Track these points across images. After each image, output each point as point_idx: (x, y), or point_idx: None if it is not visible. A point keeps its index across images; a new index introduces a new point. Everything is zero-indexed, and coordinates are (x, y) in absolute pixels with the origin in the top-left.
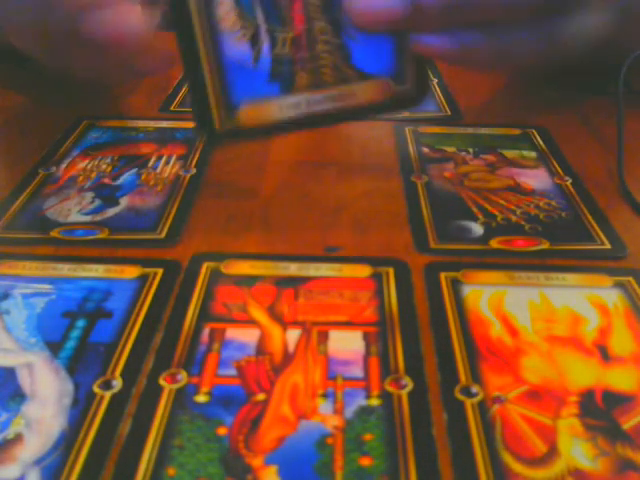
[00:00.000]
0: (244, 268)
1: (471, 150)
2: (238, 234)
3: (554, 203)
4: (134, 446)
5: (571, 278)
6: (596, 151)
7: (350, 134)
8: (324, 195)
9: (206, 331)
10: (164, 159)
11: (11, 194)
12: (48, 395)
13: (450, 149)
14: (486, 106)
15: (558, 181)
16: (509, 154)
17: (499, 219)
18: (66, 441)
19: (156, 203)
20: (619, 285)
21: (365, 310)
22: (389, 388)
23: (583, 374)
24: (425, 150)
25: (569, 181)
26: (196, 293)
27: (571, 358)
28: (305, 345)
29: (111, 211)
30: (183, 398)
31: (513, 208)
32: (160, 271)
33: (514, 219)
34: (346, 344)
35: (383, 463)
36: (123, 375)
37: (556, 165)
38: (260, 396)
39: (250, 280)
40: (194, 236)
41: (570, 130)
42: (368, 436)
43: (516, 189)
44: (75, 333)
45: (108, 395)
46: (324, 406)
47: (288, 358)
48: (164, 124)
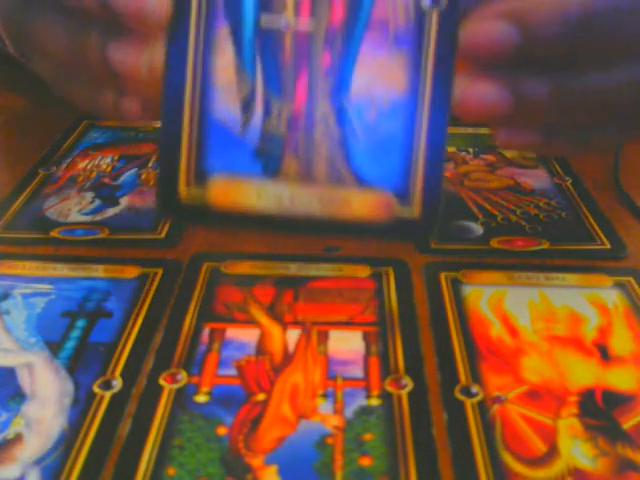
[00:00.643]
0: (244, 268)
1: (471, 150)
2: (238, 234)
3: (554, 203)
4: (134, 446)
5: (571, 278)
6: None
7: None
8: None
9: (206, 331)
10: None
11: (11, 194)
12: (48, 395)
13: (450, 149)
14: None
15: (558, 181)
16: (509, 154)
17: (499, 219)
18: (66, 441)
19: None
20: (619, 285)
21: (365, 310)
22: (389, 388)
23: (583, 374)
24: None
25: (569, 181)
26: (196, 293)
27: (571, 358)
28: (305, 345)
29: (111, 211)
30: (183, 398)
31: (513, 208)
32: (160, 271)
33: (514, 219)
34: (346, 344)
35: (383, 463)
36: (123, 375)
37: (556, 165)
38: (260, 396)
39: (250, 280)
40: (194, 236)
41: None
42: (368, 436)
43: (516, 189)
44: (75, 333)
45: (108, 395)
46: (324, 406)
47: (288, 358)
48: None
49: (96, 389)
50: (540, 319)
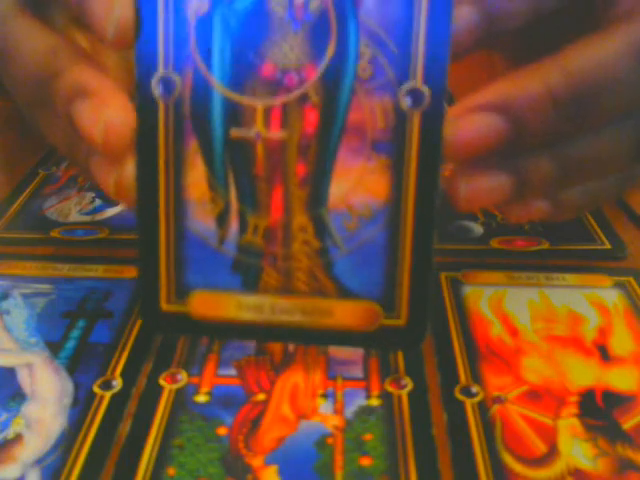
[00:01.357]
0: None
1: None
2: None
3: None
4: (134, 446)
5: (571, 278)
6: None
7: None
8: None
9: None
10: None
11: (11, 194)
12: (48, 395)
13: None
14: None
15: None
16: None
17: (499, 219)
18: (66, 441)
19: None
20: (619, 285)
21: None
22: (389, 388)
23: (583, 374)
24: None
25: None
26: None
27: (571, 358)
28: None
29: (111, 211)
30: (183, 398)
31: None
32: None
33: None
34: None
35: (383, 463)
36: (123, 375)
37: None
38: (260, 396)
39: None
40: None
41: None
42: (368, 436)
43: None
44: (75, 333)
45: (108, 395)
46: (324, 406)
47: (288, 358)
48: None
49: (96, 389)
50: (540, 319)
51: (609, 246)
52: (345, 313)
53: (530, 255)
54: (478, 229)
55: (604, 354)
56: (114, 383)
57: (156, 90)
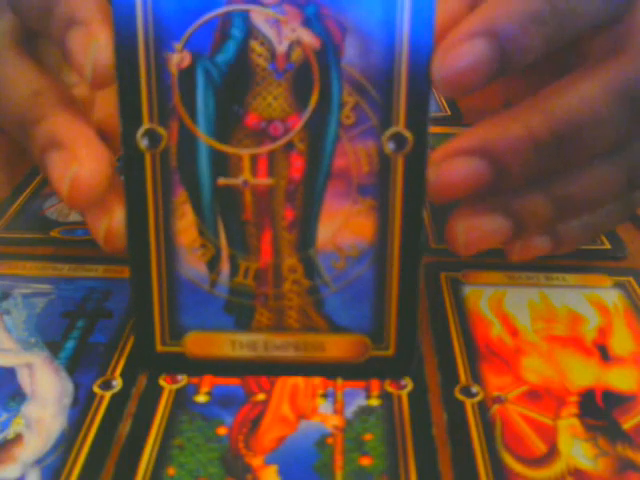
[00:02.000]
0: None
1: None
2: None
3: None
4: (134, 446)
5: (571, 278)
6: None
7: None
8: None
9: None
10: None
11: (11, 194)
12: (48, 395)
13: None
14: (486, 106)
15: None
16: None
17: None
18: (66, 441)
19: None
20: (619, 285)
21: None
22: (389, 388)
23: (583, 374)
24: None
25: None
26: None
27: (571, 358)
28: None
29: None
30: (183, 398)
31: None
32: None
33: None
34: None
35: (383, 463)
36: (123, 375)
37: None
38: (260, 396)
39: None
40: None
41: None
42: (368, 436)
43: None
44: (75, 333)
45: (108, 395)
46: (324, 406)
47: None
48: None
49: (96, 389)
50: (540, 319)
51: (609, 246)
52: (336, 347)
53: None
54: None
55: (604, 354)
56: (114, 383)
57: (142, 143)
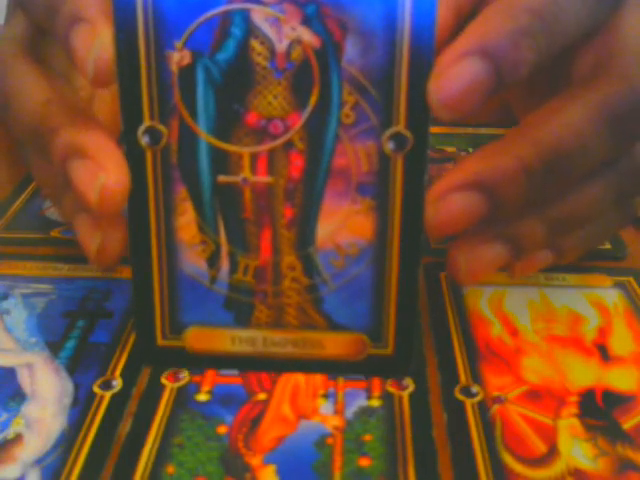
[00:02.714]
0: None
1: (471, 150)
2: None
3: None
4: (134, 443)
5: (571, 278)
6: None
7: None
8: None
9: None
10: None
11: (11, 194)
12: (48, 395)
13: (450, 149)
14: (486, 106)
15: None
16: None
17: None
18: (66, 441)
19: None
20: (619, 285)
21: None
22: (390, 389)
23: (583, 374)
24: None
25: None
26: None
27: (571, 358)
28: None
29: None
30: (184, 397)
31: None
32: None
33: None
34: None
35: (382, 464)
36: (123, 375)
37: None
38: (261, 395)
39: None
40: None
41: None
42: (368, 437)
43: None
44: (75, 333)
45: (108, 395)
46: (325, 406)
47: None
48: None
49: (96, 389)
50: (540, 319)
51: (609, 246)
52: (334, 344)
53: None
54: None
55: (604, 354)
56: (114, 383)
57: (143, 140)
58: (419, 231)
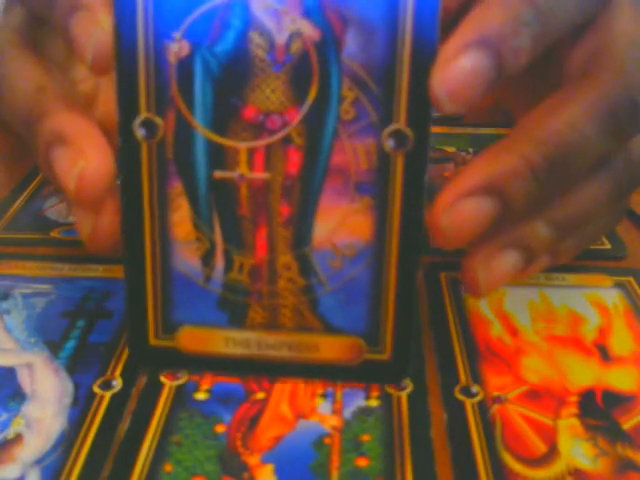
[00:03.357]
0: None
1: (471, 150)
2: None
3: None
4: (133, 441)
5: (571, 278)
6: None
7: None
8: None
9: None
10: None
11: (11, 194)
12: (48, 395)
13: (450, 149)
14: (486, 106)
15: None
16: None
17: None
18: (66, 441)
19: None
20: (619, 285)
21: None
22: (389, 389)
23: (583, 374)
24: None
25: None
26: None
27: (571, 358)
28: None
29: None
30: (183, 395)
31: None
32: None
33: None
34: None
35: (380, 464)
36: (123, 375)
37: None
38: (259, 395)
39: None
40: None
41: None
42: (366, 437)
43: None
44: (75, 333)
45: (108, 395)
46: (323, 406)
47: None
48: None
49: (96, 389)
50: (540, 319)
51: (609, 246)
52: (330, 348)
53: None
54: None
55: (604, 354)
56: (114, 383)
57: (138, 132)
58: (418, 232)
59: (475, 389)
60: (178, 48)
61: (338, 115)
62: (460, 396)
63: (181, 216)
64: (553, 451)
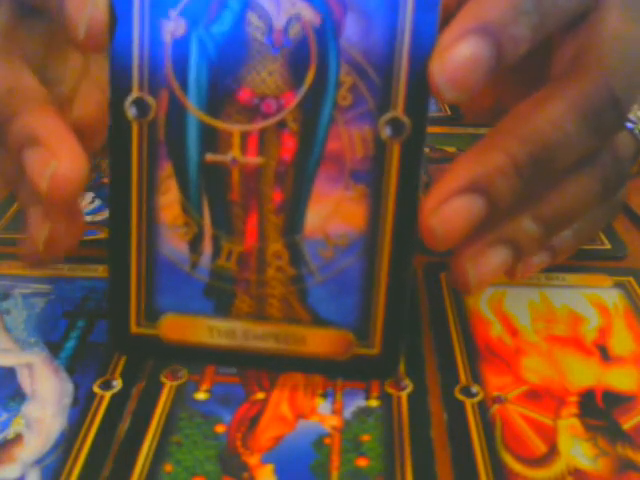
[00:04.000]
0: None
1: None
2: None
3: None
4: (133, 441)
5: (571, 278)
6: None
7: None
8: None
9: None
10: None
11: (11, 194)
12: (48, 395)
13: (450, 149)
14: (486, 106)
15: None
16: None
17: None
18: (66, 441)
19: None
20: (619, 285)
21: None
22: (389, 390)
23: (583, 374)
24: (425, 150)
25: None
26: None
27: (571, 358)
28: None
29: None
30: (183, 395)
31: None
32: None
33: None
34: None
35: (380, 464)
36: (123, 375)
37: None
38: (259, 395)
39: None
40: None
41: None
42: (366, 437)
43: None
44: (75, 333)
45: (108, 395)
46: (323, 406)
47: None
48: None
49: (96, 389)
50: (540, 319)
51: (609, 246)
52: (318, 341)
53: None
54: None
55: (604, 354)
56: (114, 383)
57: (130, 112)
58: (413, 223)
59: (475, 389)
60: (174, 26)
61: (335, 101)
62: (460, 396)
63: (169, 199)
64: (553, 451)
